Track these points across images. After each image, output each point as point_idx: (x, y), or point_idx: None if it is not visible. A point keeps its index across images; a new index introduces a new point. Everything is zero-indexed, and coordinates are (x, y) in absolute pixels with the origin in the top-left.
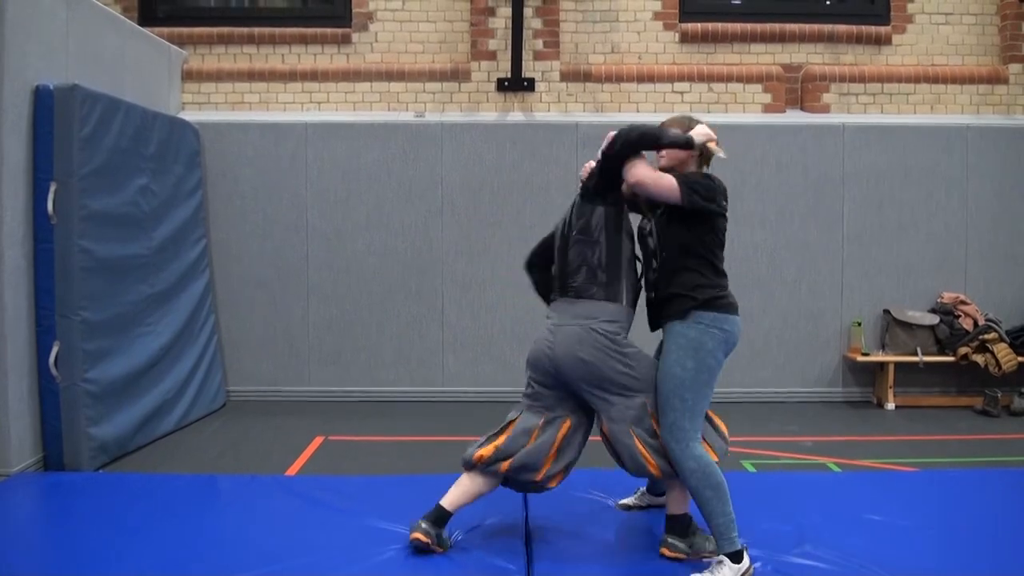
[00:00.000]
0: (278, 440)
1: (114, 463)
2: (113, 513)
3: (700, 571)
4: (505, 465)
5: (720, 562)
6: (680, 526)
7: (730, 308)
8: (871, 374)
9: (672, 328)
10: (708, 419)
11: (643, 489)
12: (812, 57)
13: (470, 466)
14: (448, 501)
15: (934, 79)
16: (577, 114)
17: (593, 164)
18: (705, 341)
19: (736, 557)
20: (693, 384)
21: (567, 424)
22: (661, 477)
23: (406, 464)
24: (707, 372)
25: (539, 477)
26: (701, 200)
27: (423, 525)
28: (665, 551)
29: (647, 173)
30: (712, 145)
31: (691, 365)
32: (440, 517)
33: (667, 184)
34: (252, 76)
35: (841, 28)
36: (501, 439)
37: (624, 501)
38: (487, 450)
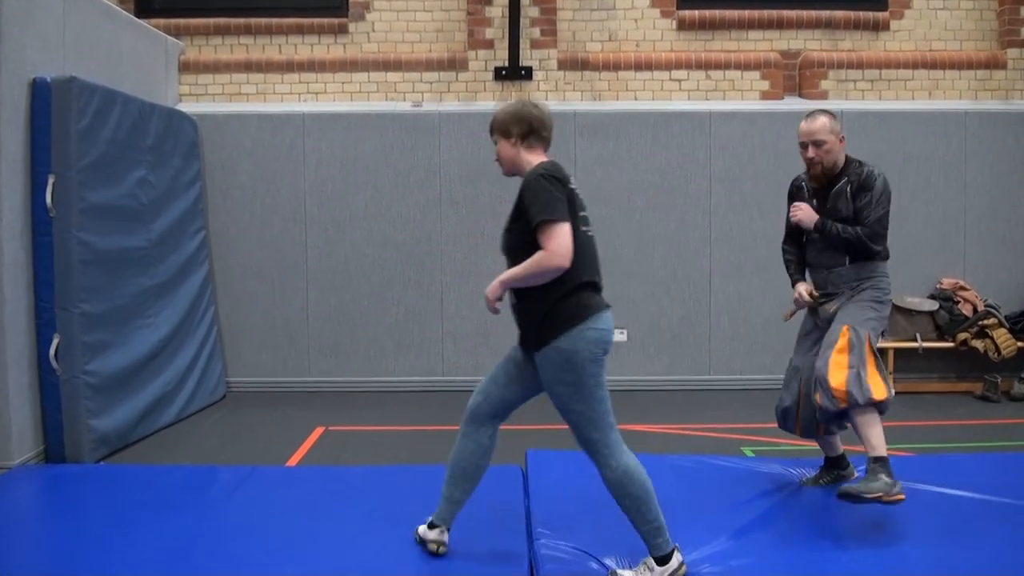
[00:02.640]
0: (278, 431)
1: (115, 455)
2: (114, 505)
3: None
4: None
5: (645, 562)
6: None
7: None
8: None
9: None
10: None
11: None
12: (810, 43)
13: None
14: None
15: (932, 65)
16: (575, 102)
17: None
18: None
19: (663, 560)
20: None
21: None
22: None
23: (406, 454)
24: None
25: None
26: None
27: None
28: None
29: None
30: None
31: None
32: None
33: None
34: (249, 67)
35: (839, 14)
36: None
37: (809, 477)
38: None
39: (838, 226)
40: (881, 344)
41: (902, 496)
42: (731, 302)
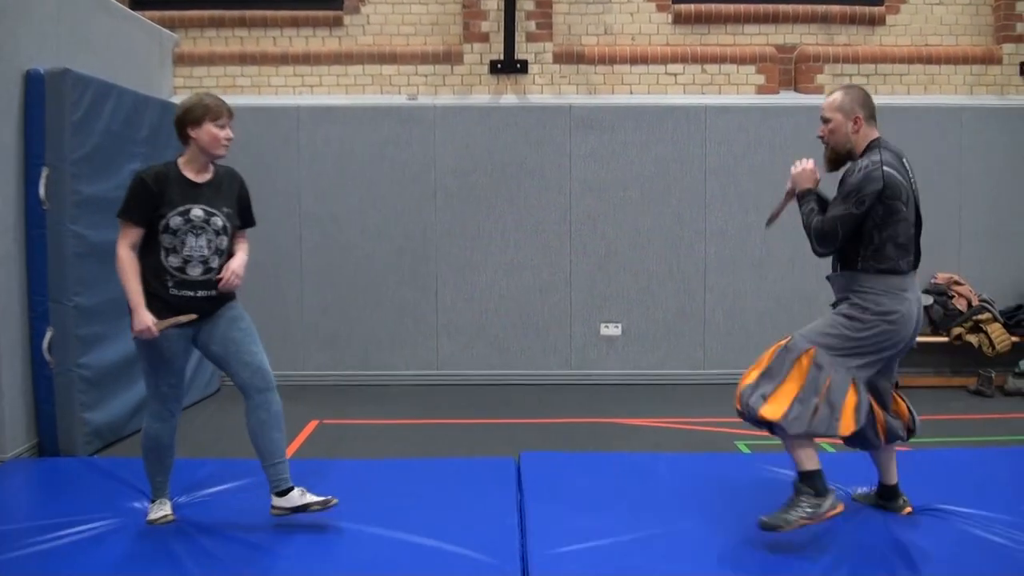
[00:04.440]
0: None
1: (108, 448)
2: (108, 498)
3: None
4: None
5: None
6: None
7: None
8: None
9: None
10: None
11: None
12: (806, 38)
13: None
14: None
15: (928, 60)
16: (570, 96)
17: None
18: None
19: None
20: None
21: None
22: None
23: (401, 448)
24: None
25: None
26: None
27: None
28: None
29: None
30: None
31: None
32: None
33: None
34: (244, 59)
35: (835, 9)
36: None
37: (861, 492)
38: None
39: (812, 206)
40: None
41: (837, 510)
42: (726, 296)
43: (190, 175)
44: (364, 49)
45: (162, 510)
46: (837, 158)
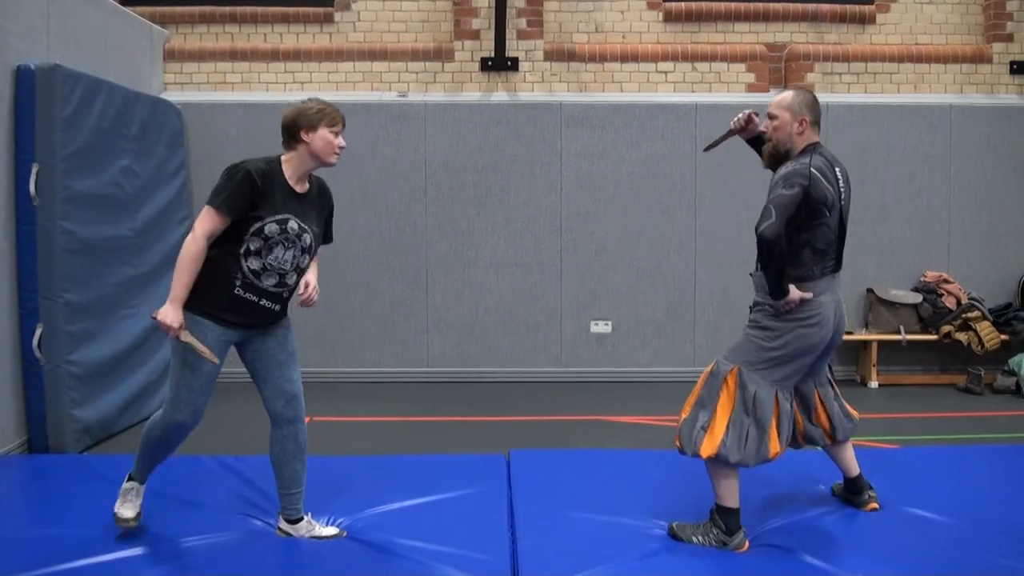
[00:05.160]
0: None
1: (98, 445)
2: (98, 495)
3: None
4: None
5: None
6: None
7: None
8: (854, 353)
9: None
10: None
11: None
12: (796, 36)
13: None
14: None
15: (918, 58)
16: (561, 94)
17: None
18: None
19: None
20: None
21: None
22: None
23: (391, 444)
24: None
25: None
26: None
27: None
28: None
29: None
30: None
31: None
32: None
33: None
34: (234, 56)
35: (825, 7)
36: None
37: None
38: None
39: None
40: (865, 337)
41: (743, 549)
42: (716, 294)
43: (291, 181)
44: (355, 46)
45: (131, 507)
46: (776, 155)
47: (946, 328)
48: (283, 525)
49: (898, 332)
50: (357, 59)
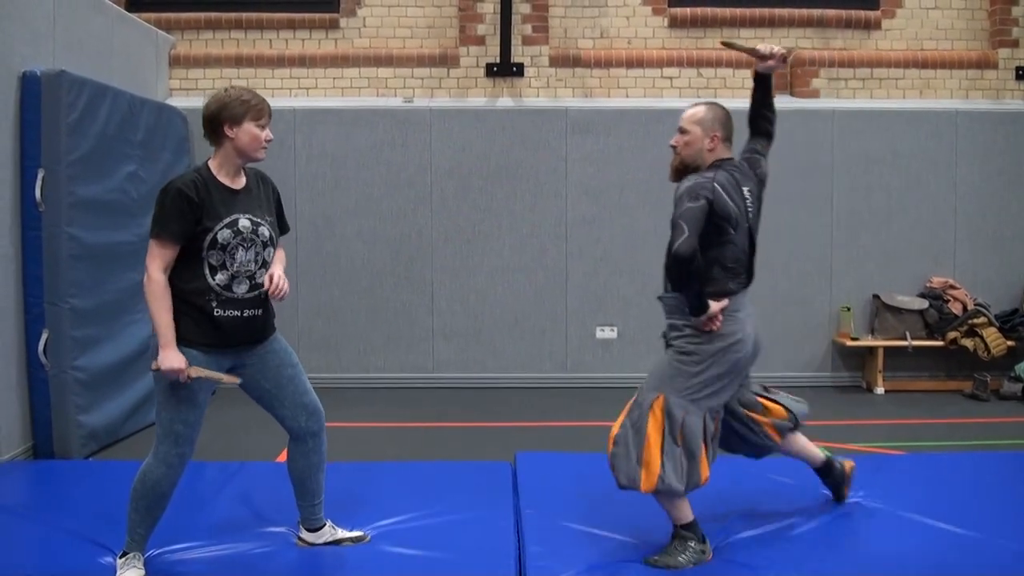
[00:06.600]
0: (267, 427)
1: (104, 451)
2: (103, 501)
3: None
4: None
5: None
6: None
7: None
8: (860, 359)
9: None
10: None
11: None
12: (802, 42)
13: None
14: None
15: (923, 64)
16: (566, 99)
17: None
18: None
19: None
20: None
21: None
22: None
23: (396, 451)
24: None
25: None
26: None
27: None
28: None
29: None
30: None
31: None
32: None
33: None
34: (240, 62)
35: (831, 13)
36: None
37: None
38: None
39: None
40: (871, 343)
41: (709, 557)
42: None
43: (226, 181)
44: (360, 52)
45: (134, 570)
46: (684, 169)
47: (952, 334)
48: (305, 535)
49: (904, 338)
50: (362, 65)
